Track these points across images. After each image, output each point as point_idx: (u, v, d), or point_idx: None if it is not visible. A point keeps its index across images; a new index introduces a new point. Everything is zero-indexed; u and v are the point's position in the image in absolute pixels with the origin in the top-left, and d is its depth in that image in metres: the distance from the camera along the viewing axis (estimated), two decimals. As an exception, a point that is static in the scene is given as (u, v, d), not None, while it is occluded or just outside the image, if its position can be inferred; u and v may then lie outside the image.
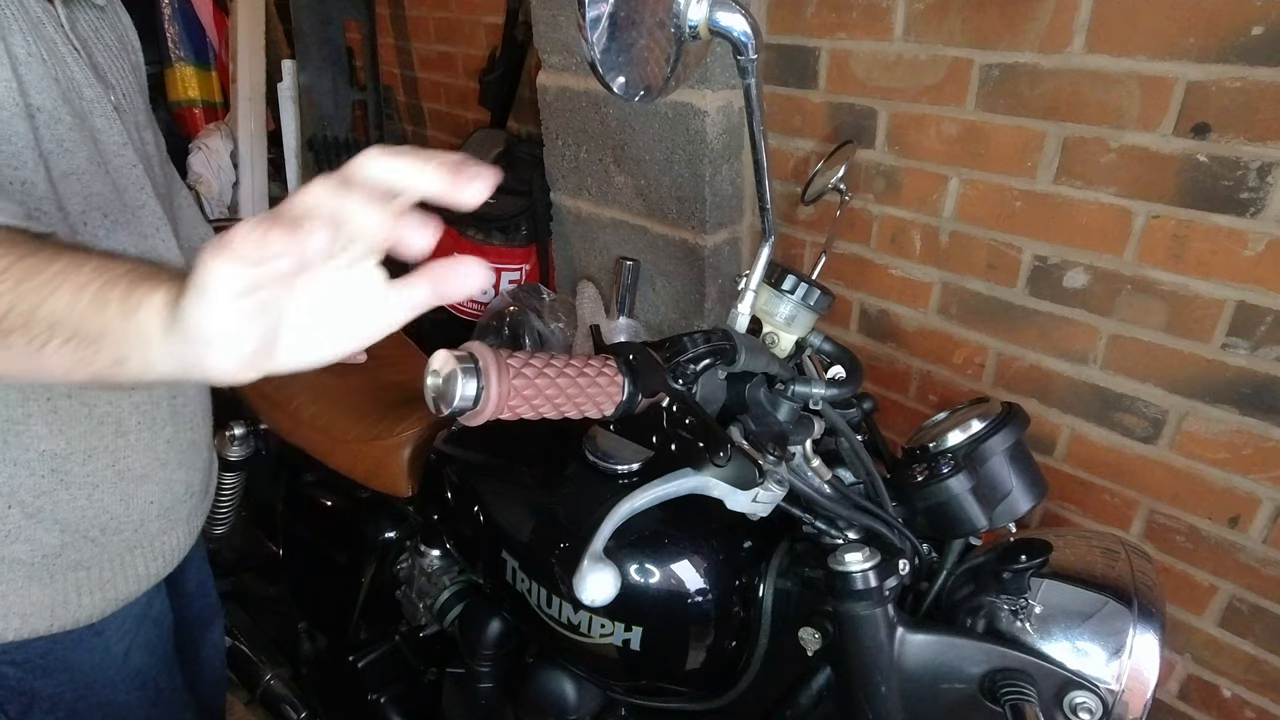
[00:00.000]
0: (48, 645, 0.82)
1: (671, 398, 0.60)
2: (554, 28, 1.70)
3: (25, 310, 0.41)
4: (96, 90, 0.74)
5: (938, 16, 1.26)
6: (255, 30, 2.61)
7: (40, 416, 0.73)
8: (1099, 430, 1.32)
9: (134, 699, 0.91)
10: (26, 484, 0.74)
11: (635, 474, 0.90)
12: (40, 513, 0.76)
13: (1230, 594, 1.26)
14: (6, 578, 0.77)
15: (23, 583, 0.78)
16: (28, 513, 0.75)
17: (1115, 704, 0.71)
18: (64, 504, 0.77)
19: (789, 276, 0.81)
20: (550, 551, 0.89)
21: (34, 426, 0.73)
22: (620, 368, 0.59)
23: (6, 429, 0.71)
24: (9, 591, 0.77)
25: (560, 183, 1.91)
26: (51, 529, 0.77)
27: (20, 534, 0.76)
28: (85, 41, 0.75)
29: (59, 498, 0.76)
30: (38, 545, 0.77)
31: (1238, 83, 1.01)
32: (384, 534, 1.28)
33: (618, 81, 0.59)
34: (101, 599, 0.84)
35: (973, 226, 1.35)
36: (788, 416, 0.69)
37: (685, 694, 0.95)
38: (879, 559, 0.72)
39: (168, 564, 0.91)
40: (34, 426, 0.73)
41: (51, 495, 0.76)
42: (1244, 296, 1.10)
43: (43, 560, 0.78)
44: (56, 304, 0.40)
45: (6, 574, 0.76)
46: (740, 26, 0.58)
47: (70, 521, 0.78)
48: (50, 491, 0.76)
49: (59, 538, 0.78)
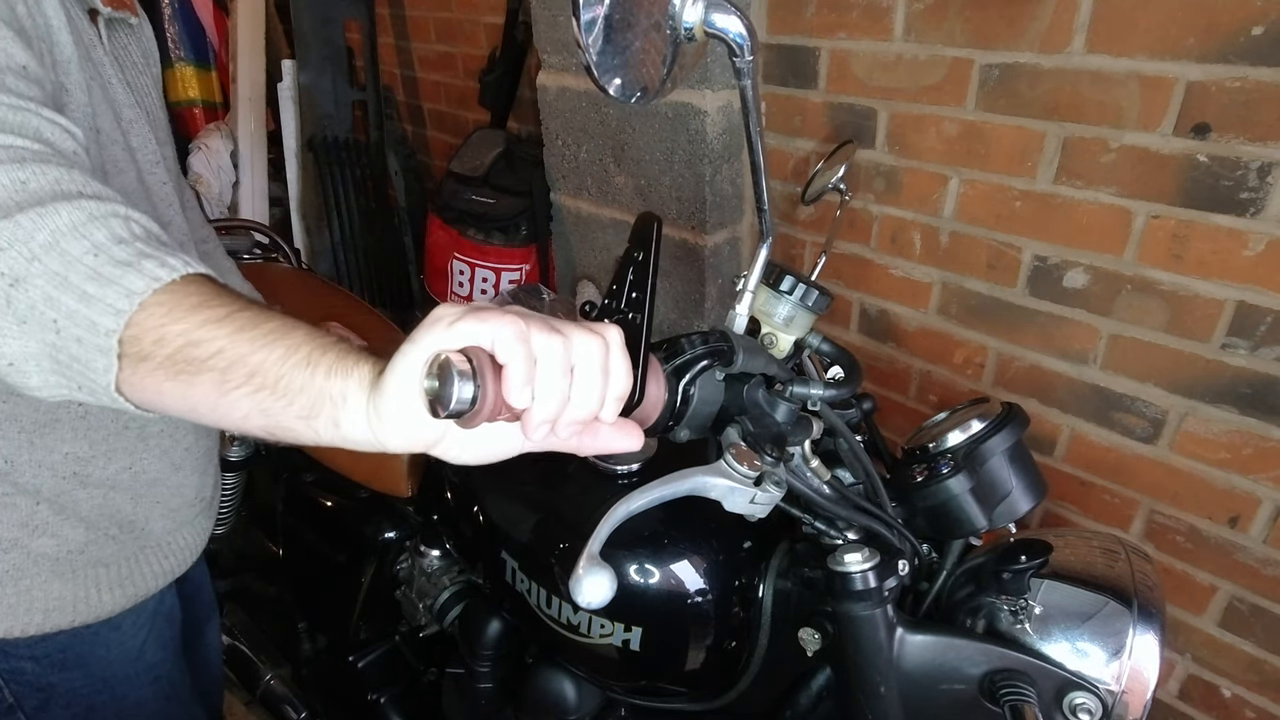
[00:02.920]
0: (67, 640, 0.83)
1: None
2: (554, 28, 1.70)
3: (233, 356, 0.46)
4: (134, 110, 0.76)
5: (938, 16, 1.25)
6: (255, 30, 2.61)
7: (69, 421, 0.74)
8: (1099, 430, 1.32)
9: (148, 694, 0.92)
10: (49, 484, 0.75)
11: (635, 474, 0.90)
12: (65, 509, 0.77)
13: (1230, 594, 1.26)
14: (31, 572, 0.78)
15: (47, 577, 0.79)
16: (55, 509, 0.77)
17: (1115, 704, 0.71)
18: (83, 502, 0.78)
19: (787, 277, 0.80)
20: (550, 552, 0.89)
21: (61, 430, 0.74)
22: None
23: (34, 431, 0.73)
24: (34, 586, 0.78)
25: (560, 183, 1.91)
26: (77, 526, 0.79)
27: (48, 529, 0.77)
28: (120, 61, 0.77)
29: (78, 496, 0.78)
30: (63, 541, 0.79)
31: (1238, 83, 1.01)
32: (384, 534, 1.28)
33: (614, 84, 0.59)
34: (121, 595, 0.85)
35: (973, 226, 1.35)
36: (786, 417, 0.69)
37: (685, 694, 0.95)
38: (878, 559, 0.72)
39: (181, 563, 0.93)
40: (61, 430, 0.74)
41: (71, 495, 0.77)
42: (1244, 296, 1.10)
43: (67, 556, 0.79)
44: (266, 357, 0.46)
45: (32, 569, 0.78)
46: (735, 28, 0.58)
47: (91, 519, 0.80)
48: (69, 491, 0.77)
49: (84, 534, 0.80)
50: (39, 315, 0.46)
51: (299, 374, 0.45)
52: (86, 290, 0.46)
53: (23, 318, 0.46)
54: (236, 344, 0.46)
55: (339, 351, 0.46)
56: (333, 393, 0.45)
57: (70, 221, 0.48)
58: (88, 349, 0.46)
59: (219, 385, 0.46)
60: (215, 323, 0.46)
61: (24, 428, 0.72)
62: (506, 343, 0.43)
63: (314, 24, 2.46)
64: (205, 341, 0.46)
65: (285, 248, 1.63)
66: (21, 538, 0.76)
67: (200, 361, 0.46)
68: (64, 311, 0.46)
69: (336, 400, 0.45)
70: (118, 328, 0.46)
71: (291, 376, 0.45)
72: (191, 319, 0.46)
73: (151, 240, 0.51)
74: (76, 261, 0.47)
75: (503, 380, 0.43)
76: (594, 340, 0.45)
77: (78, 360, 0.47)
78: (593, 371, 0.45)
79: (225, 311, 0.47)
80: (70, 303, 0.46)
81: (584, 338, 0.45)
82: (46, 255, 0.47)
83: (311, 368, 0.46)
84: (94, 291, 0.46)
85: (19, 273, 0.46)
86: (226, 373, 0.45)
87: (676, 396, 0.64)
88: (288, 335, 0.47)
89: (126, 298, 0.46)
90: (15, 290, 0.46)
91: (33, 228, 0.47)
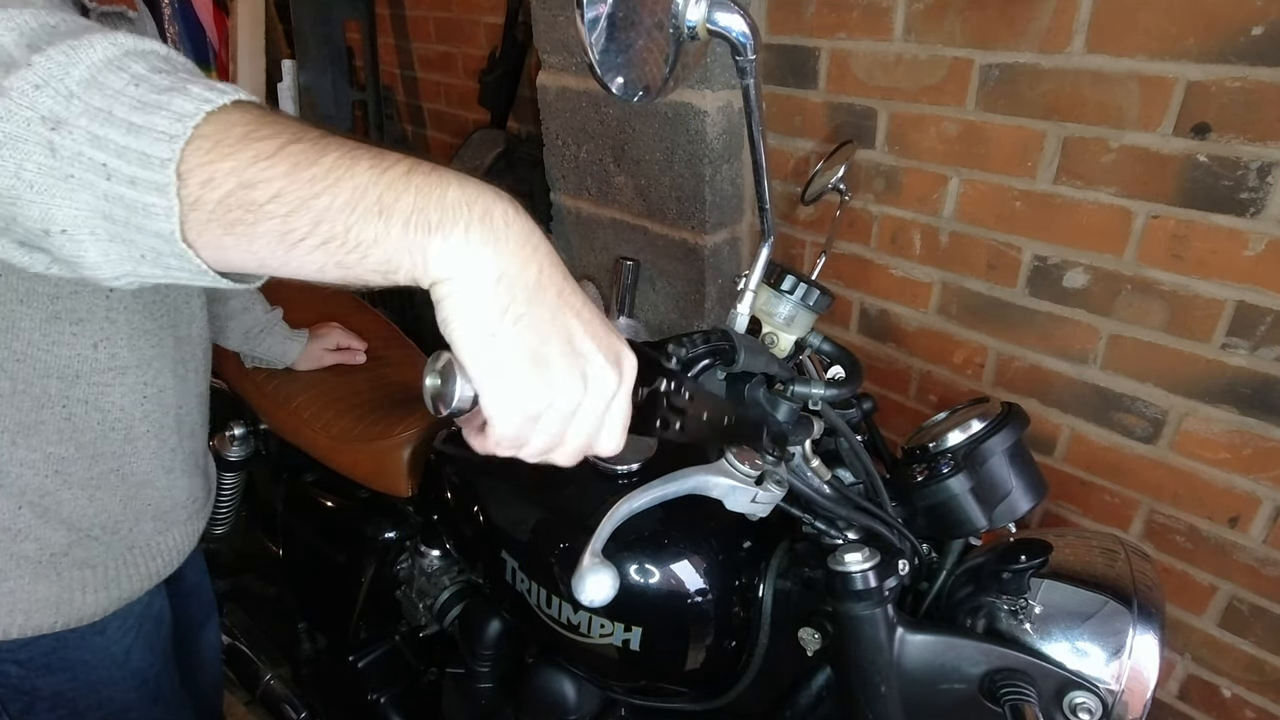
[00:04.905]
0: (51, 644, 0.83)
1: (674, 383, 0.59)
2: (554, 28, 1.70)
3: (294, 200, 0.39)
4: None
5: (938, 16, 1.25)
6: (255, 30, 2.61)
7: (53, 423, 0.74)
8: (1099, 430, 1.32)
9: (134, 697, 0.92)
10: (33, 484, 0.75)
11: (635, 474, 0.90)
12: (48, 512, 0.77)
13: (1230, 594, 1.26)
14: (14, 574, 0.77)
15: (29, 580, 0.78)
16: (37, 511, 0.76)
17: (1115, 704, 0.71)
18: (66, 503, 0.78)
19: (788, 277, 0.81)
20: (550, 552, 0.89)
21: (46, 431, 0.73)
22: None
23: (17, 432, 0.72)
24: (16, 589, 0.78)
25: (560, 183, 1.91)
26: (59, 528, 0.78)
27: (30, 533, 0.76)
28: None
29: (62, 497, 0.77)
30: (46, 543, 0.78)
31: (1238, 83, 1.01)
32: (384, 534, 1.28)
33: (616, 82, 0.59)
34: (105, 597, 0.85)
35: (973, 226, 1.35)
36: (787, 417, 0.69)
37: (685, 694, 0.95)
38: (878, 559, 0.72)
39: (168, 564, 0.92)
40: (46, 431, 0.73)
41: (55, 495, 0.77)
42: (1244, 296, 1.10)
43: (50, 558, 0.79)
44: (331, 201, 0.39)
45: (14, 571, 0.77)
46: (739, 27, 0.58)
47: (75, 520, 0.79)
48: (54, 491, 0.76)
49: (66, 536, 0.79)
50: (86, 161, 0.40)
51: (370, 225, 0.39)
52: (133, 121, 0.40)
53: (68, 170, 0.40)
54: (296, 184, 0.39)
55: (416, 190, 0.40)
56: (412, 249, 0.39)
57: (105, 56, 0.42)
58: (143, 190, 0.40)
59: (282, 238, 0.40)
60: (268, 159, 0.40)
61: (6, 428, 0.71)
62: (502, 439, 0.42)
63: (314, 24, 2.45)
64: (260, 182, 0.39)
65: (285, 247, 1.62)
66: (3, 540, 0.75)
67: (258, 207, 0.39)
68: (113, 150, 0.40)
69: (417, 259, 0.40)
70: (173, 155, 0.39)
71: (362, 227, 0.39)
72: (243, 153, 0.40)
73: (195, 72, 0.44)
74: (119, 94, 0.41)
75: (485, 436, 0.43)
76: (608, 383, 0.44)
77: (135, 210, 0.40)
78: (589, 417, 0.44)
79: (278, 143, 0.40)
80: (118, 138, 0.40)
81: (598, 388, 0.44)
82: (85, 92, 0.40)
83: (385, 217, 0.39)
84: (141, 121, 0.40)
85: (59, 114, 0.40)
86: (289, 220, 0.39)
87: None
88: (354, 170, 0.40)
89: (178, 120, 0.40)
90: (57, 135, 0.40)
91: (66, 62, 0.41)
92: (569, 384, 0.42)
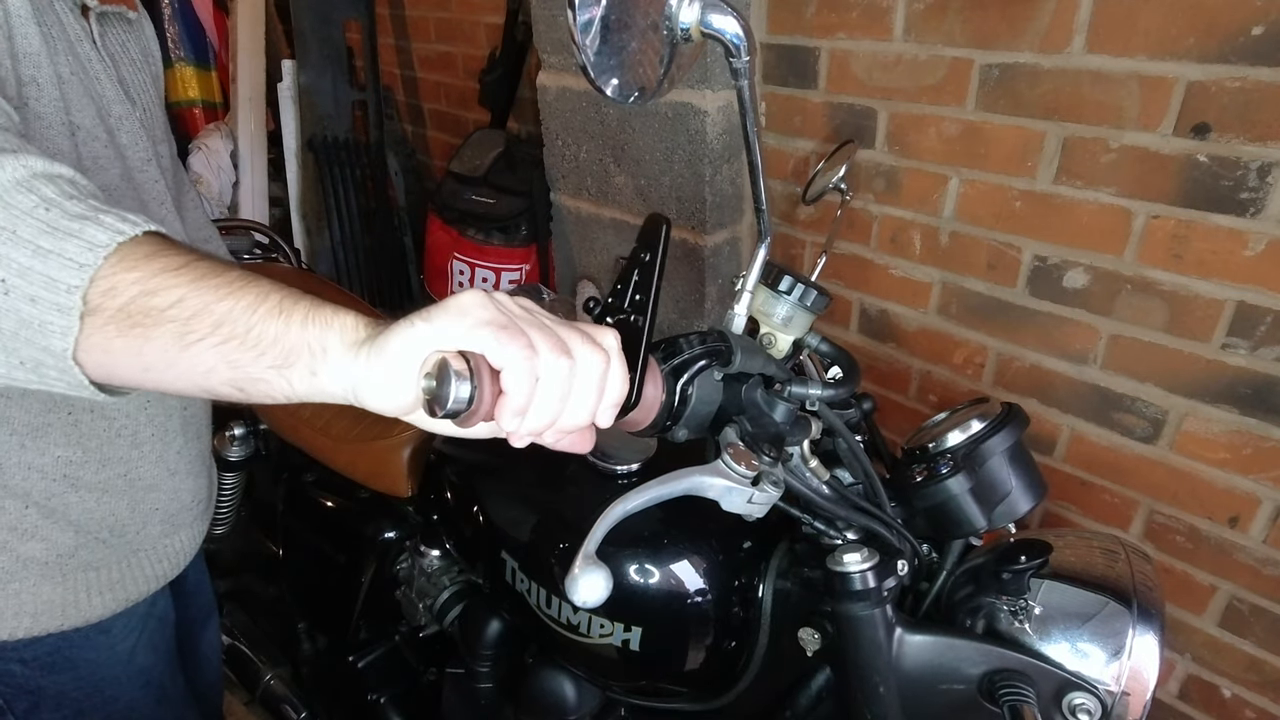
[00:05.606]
0: (56, 643, 0.83)
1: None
2: (554, 28, 1.70)
3: (196, 305, 0.42)
4: (125, 107, 0.75)
5: (938, 16, 1.25)
6: (255, 30, 2.61)
7: (60, 427, 0.74)
8: (1099, 430, 1.31)
9: (139, 697, 0.92)
10: (39, 486, 0.75)
11: (634, 474, 0.90)
12: (55, 514, 0.77)
13: (1230, 594, 1.26)
14: (20, 576, 0.77)
15: (36, 581, 0.78)
16: (44, 513, 0.76)
17: (1115, 705, 0.71)
18: (74, 506, 0.78)
19: (785, 277, 0.80)
20: (549, 552, 0.89)
21: (53, 434, 0.74)
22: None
23: (25, 435, 0.72)
24: (22, 590, 0.78)
25: (560, 183, 1.91)
26: (66, 530, 0.78)
27: (37, 533, 0.77)
28: (114, 57, 0.76)
29: (69, 500, 0.77)
30: (53, 545, 0.78)
31: (1238, 83, 1.01)
32: (384, 534, 1.28)
33: (611, 84, 0.59)
34: (111, 599, 0.85)
35: (973, 226, 1.35)
36: (785, 417, 0.69)
37: (685, 694, 0.95)
38: (877, 560, 0.72)
39: (174, 566, 0.92)
40: (53, 434, 0.74)
41: (62, 498, 0.77)
42: (1244, 296, 1.10)
43: (56, 560, 0.79)
44: (234, 305, 0.42)
45: (21, 572, 0.77)
46: (732, 29, 0.58)
47: (82, 523, 0.79)
48: (61, 494, 0.76)
49: (73, 538, 0.79)
50: None
51: (271, 323, 0.43)
52: (41, 245, 0.42)
53: None
54: (199, 292, 0.42)
55: (310, 301, 0.44)
56: (311, 342, 0.43)
57: (14, 177, 0.44)
58: (44, 309, 0.41)
59: (179, 338, 0.42)
60: (173, 271, 0.43)
61: (15, 430, 0.71)
62: (514, 374, 0.43)
63: (314, 24, 2.46)
64: (163, 290, 0.42)
65: (285, 248, 1.63)
66: (10, 541, 0.75)
67: (159, 312, 0.42)
68: (15, 269, 0.41)
69: (315, 351, 0.43)
70: (83, 283, 0.41)
71: (264, 326, 0.42)
72: (146, 267, 0.42)
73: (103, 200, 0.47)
74: (25, 215, 0.42)
75: (498, 407, 0.43)
76: (596, 356, 0.45)
77: (27, 325, 0.42)
78: (589, 387, 0.45)
79: (182, 261, 0.43)
80: (21, 259, 0.41)
81: (587, 357, 0.45)
82: None
83: (285, 316, 0.43)
84: (50, 246, 0.42)
85: None
86: (189, 323, 0.42)
87: (674, 396, 0.64)
88: (254, 283, 0.44)
89: (90, 250, 0.42)
90: None
91: None
92: (547, 340, 0.44)
